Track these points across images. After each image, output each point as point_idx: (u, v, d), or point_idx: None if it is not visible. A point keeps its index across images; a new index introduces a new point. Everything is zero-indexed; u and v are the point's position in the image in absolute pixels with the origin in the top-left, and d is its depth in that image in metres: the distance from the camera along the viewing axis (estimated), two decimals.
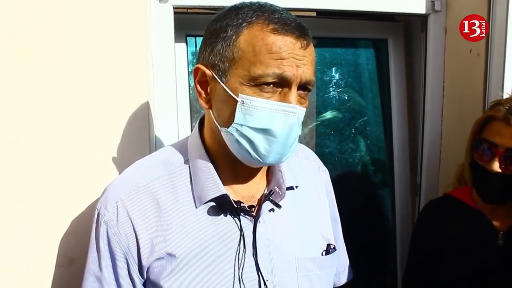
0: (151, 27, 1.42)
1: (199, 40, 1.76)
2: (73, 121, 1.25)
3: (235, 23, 0.93)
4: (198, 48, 1.04)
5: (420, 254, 1.62)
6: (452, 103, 1.85)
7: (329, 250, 1.12)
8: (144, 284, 1.00)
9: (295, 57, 0.91)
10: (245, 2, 0.98)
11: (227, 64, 0.93)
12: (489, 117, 1.42)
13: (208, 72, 0.97)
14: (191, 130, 1.70)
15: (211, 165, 1.01)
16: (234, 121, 0.93)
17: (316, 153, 1.29)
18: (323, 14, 1.90)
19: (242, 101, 0.92)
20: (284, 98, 0.92)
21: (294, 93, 0.92)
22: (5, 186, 1.21)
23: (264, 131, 0.93)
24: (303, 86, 0.94)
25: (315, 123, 2.07)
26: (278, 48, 0.90)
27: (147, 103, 1.32)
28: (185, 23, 1.62)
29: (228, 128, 0.94)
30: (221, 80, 0.95)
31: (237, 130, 0.94)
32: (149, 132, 1.33)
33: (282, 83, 0.91)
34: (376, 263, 2.16)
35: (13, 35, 1.19)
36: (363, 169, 2.18)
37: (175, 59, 1.52)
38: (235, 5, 0.98)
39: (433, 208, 1.63)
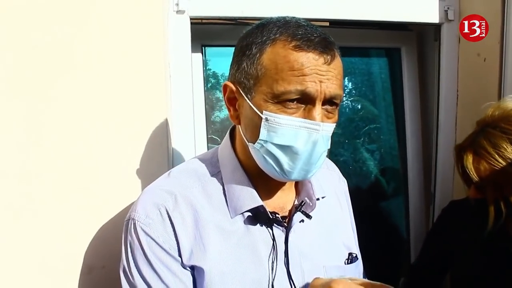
0: (169, 38, 1.44)
1: (214, 50, 1.79)
2: (93, 131, 1.27)
3: (259, 41, 0.95)
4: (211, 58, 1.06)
5: (434, 251, 1.65)
6: (466, 112, 1.85)
7: (351, 259, 1.14)
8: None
9: (318, 73, 0.90)
10: (272, 18, 0.98)
11: (252, 82, 0.95)
12: (461, 148, 1.43)
13: (235, 89, 0.99)
14: (207, 140, 1.73)
15: (246, 177, 1.03)
16: (259, 138, 0.94)
17: None
18: (336, 24, 1.92)
19: (266, 118, 0.93)
20: (308, 115, 0.92)
21: (318, 109, 0.92)
22: (28, 193, 1.23)
23: (288, 148, 0.93)
24: (329, 101, 0.94)
25: None
26: (300, 65, 0.90)
27: (165, 113, 1.34)
28: (201, 33, 1.64)
29: (254, 144, 0.96)
30: (247, 97, 0.96)
31: (262, 146, 0.95)
32: (167, 141, 1.35)
33: (306, 99, 0.92)
34: (390, 271, 2.15)
35: (34, 46, 1.21)
36: (377, 178, 2.18)
37: (192, 69, 1.54)
38: (261, 21, 0.99)
39: (454, 208, 1.64)
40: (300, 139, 0.93)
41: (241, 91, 0.98)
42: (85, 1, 1.24)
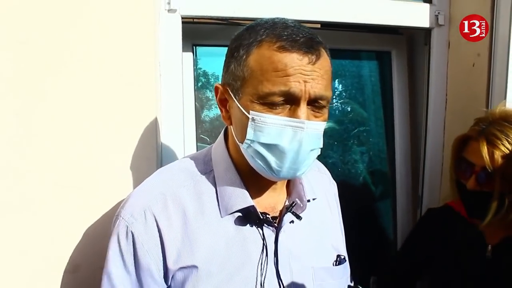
0: (160, 36, 1.43)
1: (205, 49, 1.78)
2: (82, 130, 1.26)
3: (246, 43, 0.96)
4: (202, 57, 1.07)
5: (409, 259, 1.68)
6: (455, 116, 1.87)
7: (340, 260, 1.16)
8: None
9: (302, 73, 0.91)
10: (262, 20, 0.99)
11: (239, 83, 0.96)
12: (467, 137, 1.48)
13: (224, 90, 1.01)
14: (196, 139, 1.72)
15: (238, 177, 1.04)
16: (246, 137, 0.95)
17: None
18: (327, 26, 1.92)
19: (252, 117, 0.94)
20: (293, 114, 0.93)
21: (302, 108, 0.93)
22: (16, 191, 1.22)
23: (274, 147, 0.94)
24: (316, 101, 0.94)
25: None
26: (283, 66, 0.91)
27: (155, 112, 1.33)
28: (192, 32, 1.64)
29: (242, 143, 0.97)
30: (235, 98, 0.97)
31: (249, 146, 0.96)
32: (156, 140, 1.35)
33: (290, 99, 0.92)
34: (376, 274, 2.16)
35: (25, 42, 1.20)
36: (365, 180, 2.18)
37: (182, 68, 1.53)
38: (251, 23, 1.00)
39: (430, 216, 1.69)
40: (285, 137, 0.93)
41: (230, 93, 0.99)
42: (77, 0, 1.23)
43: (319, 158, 1.02)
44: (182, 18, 1.50)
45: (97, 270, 1.06)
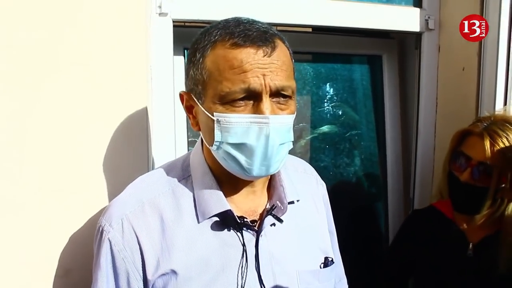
0: (151, 40, 1.43)
1: None
2: (72, 133, 1.25)
3: (201, 46, 0.95)
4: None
5: (397, 260, 1.71)
6: (445, 119, 1.88)
7: (327, 262, 1.14)
8: None
9: (259, 67, 0.90)
10: (216, 22, 0.99)
11: (200, 87, 0.96)
12: (467, 132, 1.51)
13: (188, 97, 1.01)
14: (187, 143, 1.72)
15: (214, 181, 1.03)
16: (215, 140, 0.95)
17: None
18: (318, 30, 1.93)
19: (217, 119, 0.93)
20: (257, 110, 0.92)
21: (265, 102, 0.91)
22: (6, 193, 1.21)
23: (242, 145, 0.94)
24: (279, 93, 0.93)
25: (309, 137, 2.09)
26: (239, 62, 0.90)
27: (146, 116, 1.33)
28: (184, 36, 1.64)
29: (212, 146, 0.97)
30: (198, 102, 0.97)
31: (218, 147, 0.96)
32: (147, 144, 1.34)
33: (252, 95, 0.91)
34: (369, 275, 2.17)
35: (19, 45, 1.19)
36: (357, 183, 2.19)
37: (174, 72, 1.53)
38: (206, 27, 0.99)
39: (415, 217, 1.73)
40: (252, 134, 0.92)
41: (194, 98, 0.99)
42: (69, 3, 1.23)
43: (311, 161, 1.02)
44: (173, 21, 1.50)
45: (87, 274, 1.05)
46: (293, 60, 1.01)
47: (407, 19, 1.82)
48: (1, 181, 1.20)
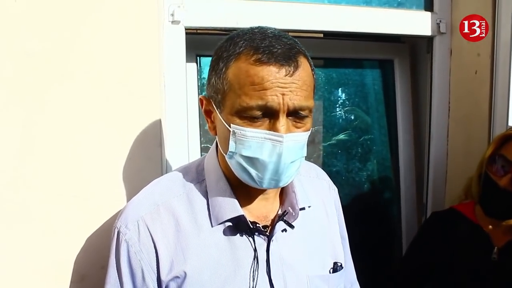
0: (164, 48, 1.45)
1: (209, 60, 1.79)
2: (87, 139, 1.27)
3: (225, 56, 0.96)
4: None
5: (416, 262, 1.67)
6: (458, 124, 1.87)
7: (336, 268, 1.14)
8: None
9: (280, 86, 0.90)
10: (242, 30, 0.99)
11: (220, 96, 0.97)
12: (510, 136, 1.47)
13: (208, 102, 1.02)
14: (200, 149, 1.74)
15: (228, 186, 1.04)
16: (229, 149, 0.96)
17: None
18: (330, 35, 1.94)
19: (233, 131, 0.94)
20: (273, 127, 0.93)
21: (281, 121, 0.92)
22: (21, 199, 1.22)
23: (254, 160, 0.95)
24: (296, 112, 0.94)
25: (322, 142, 2.09)
26: (260, 79, 0.90)
27: (160, 122, 1.34)
28: (196, 43, 1.66)
29: (226, 155, 0.98)
30: (217, 110, 0.99)
31: (231, 157, 0.97)
32: (161, 151, 1.36)
33: (269, 113, 0.92)
34: (382, 282, 2.16)
35: (31, 54, 1.22)
36: (369, 188, 2.19)
37: (186, 79, 1.55)
38: (231, 34, 1.00)
39: (435, 219, 1.68)
40: (265, 151, 0.93)
41: (213, 105, 1.00)
42: (82, 11, 1.25)
43: (323, 166, 1.03)
44: (185, 29, 1.51)
45: (103, 278, 1.06)
46: (315, 76, 1.01)
47: (418, 23, 1.82)
48: (17, 187, 1.22)
